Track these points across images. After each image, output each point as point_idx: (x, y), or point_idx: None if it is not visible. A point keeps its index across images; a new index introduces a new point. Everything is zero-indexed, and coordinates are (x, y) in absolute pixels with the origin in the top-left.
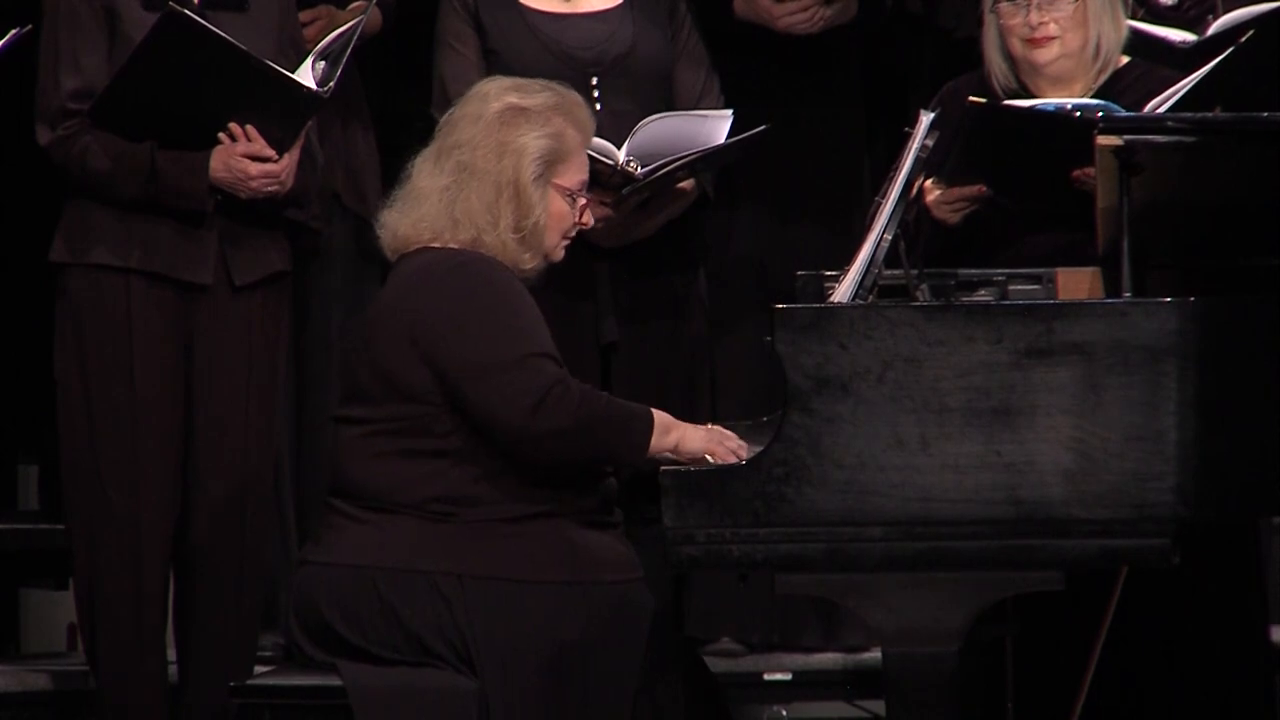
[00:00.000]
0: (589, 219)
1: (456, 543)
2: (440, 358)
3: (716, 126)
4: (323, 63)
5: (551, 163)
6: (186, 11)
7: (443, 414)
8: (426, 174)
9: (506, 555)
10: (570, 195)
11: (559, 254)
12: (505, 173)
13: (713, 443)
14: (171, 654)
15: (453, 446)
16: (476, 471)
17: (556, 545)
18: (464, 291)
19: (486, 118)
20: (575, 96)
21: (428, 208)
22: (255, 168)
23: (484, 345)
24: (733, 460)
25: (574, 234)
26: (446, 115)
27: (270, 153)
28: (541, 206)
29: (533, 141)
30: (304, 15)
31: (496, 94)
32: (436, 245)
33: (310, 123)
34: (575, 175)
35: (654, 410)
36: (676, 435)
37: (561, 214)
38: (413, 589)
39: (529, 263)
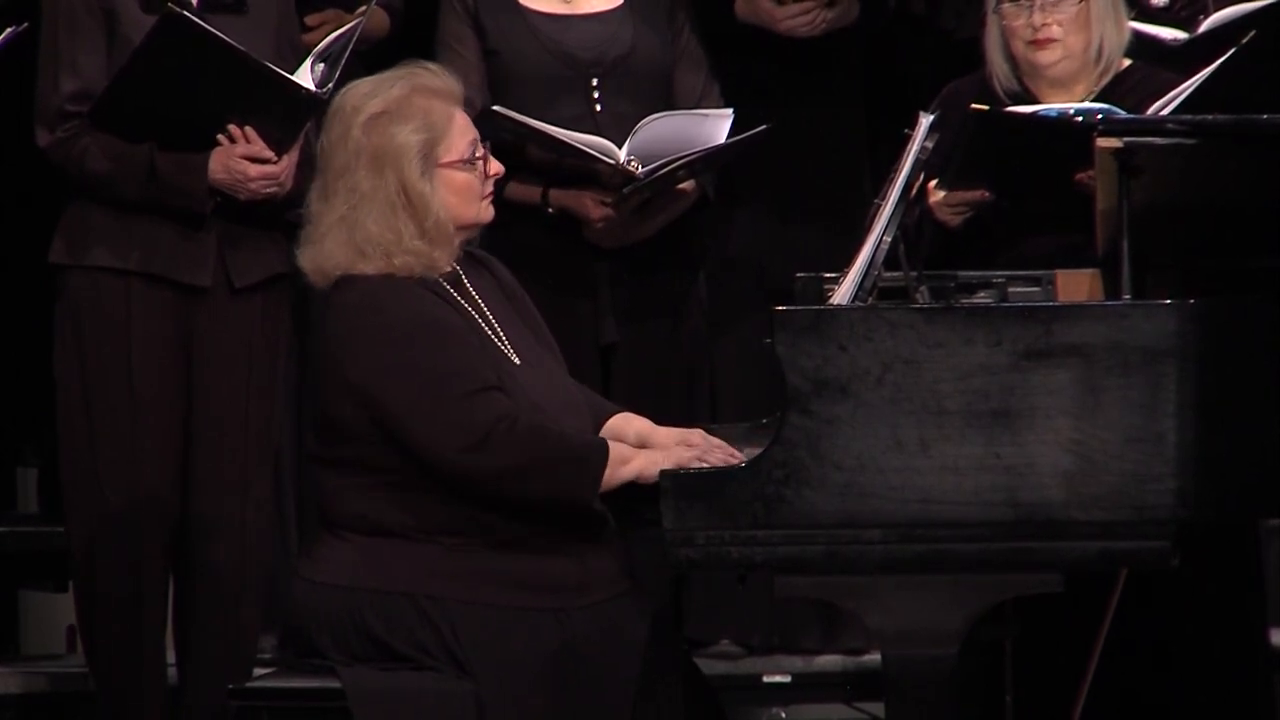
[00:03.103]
0: (497, 167)
1: (439, 565)
2: (378, 406)
3: (717, 126)
4: (322, 64)
5: (429, 150)
6: (185, 13)
7: (385, 454)
8: (320, 211)
9: (490, 579)
10: (465, 163)
11: (487, 214)
12: (390, 184)
13: (673, 463)
14: (171, 656)
15: (415, 480)
16: (449, 499)
17: (541, 569)
18: (390, 336)
19: (354, 136)
20: (424, 67)
21: (330, 244)
22: (254, 169)
23: (420, 390)
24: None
25: (492, 188)
26: (319, 143)
27: (269, 154)
28: (436, 199)
29: (404, 140)
30: (311, 19)
31: (354, 107)
32: (355, 273)
33: (309, 124)
34: (460, 143)
35: (611, 442)
36: (637, 465)
37: (465, 185)
38: (397, 611)
39: (444, 259)
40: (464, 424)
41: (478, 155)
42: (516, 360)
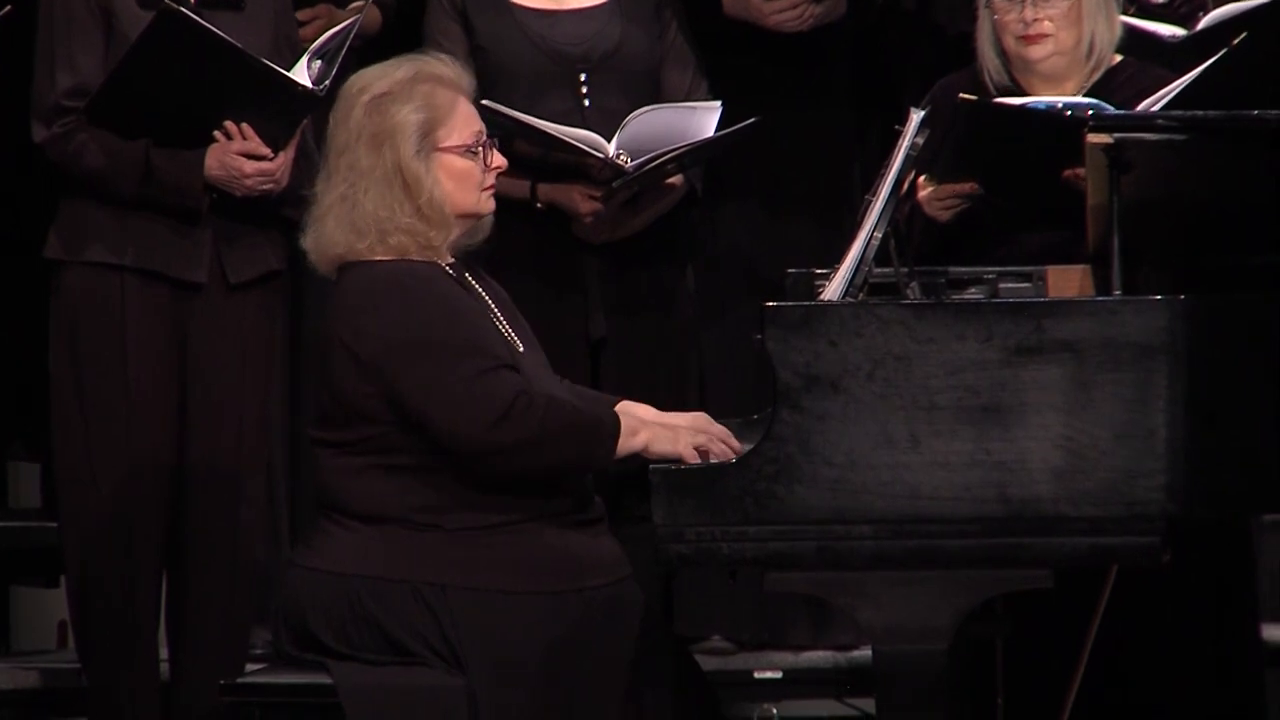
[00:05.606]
0: (499, 160)
1: (439, 552)
2: (393, 383)
3: (706, 118)
4: (318, 61)
5: (428, 132)
6: (182, 9)
7: (397, 432)
8: (323, 190)
9: (490, 565)
10: (467, 150)
11: (487, 205)
12: (387, 162)
13: (681, 445)
14: (163, 652)
15: (422, 462)
16: (453, 480)
17: (540, 553)
18: (405, 313)
19: (355, 117)
20: (434, 57)
21: (330, 224)
22: (250, 166)
23: (438, 368)
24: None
25: (493, 181)
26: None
27: (265, 151)
28: (430, 178)
29: (402, 120)
30: (303, 14)
31: (360, 89)
32: (363, 259)
33: (306, 121)
34: (464, 131)
35: (620, 412)
36: (645, 436)
37: (465, 171)
38: (396, 599)
39: (440, 239)
40: (486, 400)
41: (479, 146)
42: (521, 347)
